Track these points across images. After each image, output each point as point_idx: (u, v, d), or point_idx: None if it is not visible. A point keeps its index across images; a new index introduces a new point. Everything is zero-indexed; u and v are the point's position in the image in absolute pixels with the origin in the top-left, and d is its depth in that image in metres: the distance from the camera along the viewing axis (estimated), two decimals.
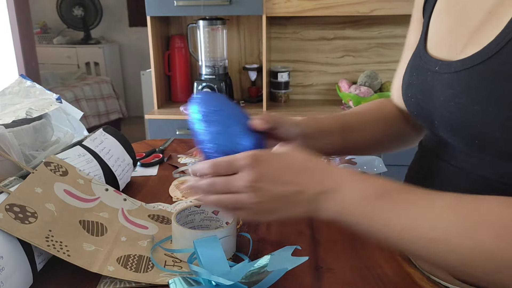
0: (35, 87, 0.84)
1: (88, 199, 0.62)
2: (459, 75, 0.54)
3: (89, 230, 0.57)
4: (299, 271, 0.54)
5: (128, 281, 0.53)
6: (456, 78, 0.54)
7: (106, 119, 4.17)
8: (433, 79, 0.59)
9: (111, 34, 4.88)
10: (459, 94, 0.53)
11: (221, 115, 0.57)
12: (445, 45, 0.61)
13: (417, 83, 0.63)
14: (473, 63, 0.51)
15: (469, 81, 0.52)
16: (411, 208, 0.47)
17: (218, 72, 2.05)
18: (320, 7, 1.87)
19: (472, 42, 0.54)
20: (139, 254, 0.57)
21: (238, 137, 0.57)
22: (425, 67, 0.62)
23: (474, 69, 0.51)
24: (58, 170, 0.62)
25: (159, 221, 0.67)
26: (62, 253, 0.52)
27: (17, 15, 2.77)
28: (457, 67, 0.54)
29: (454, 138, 0.57)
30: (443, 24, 0.63)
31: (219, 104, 0.58)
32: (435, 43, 0.63)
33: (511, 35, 0.48)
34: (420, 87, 0.62)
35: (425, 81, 0.61)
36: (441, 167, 0.61)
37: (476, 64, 0.51)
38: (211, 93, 0.63)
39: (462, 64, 0.53)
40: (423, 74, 0.62)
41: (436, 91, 0.58)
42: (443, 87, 0.56)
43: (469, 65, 0.52)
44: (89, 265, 0.52)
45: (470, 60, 0.52)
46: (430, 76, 0.60)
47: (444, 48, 0.61)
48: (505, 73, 0.48)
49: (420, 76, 0.63)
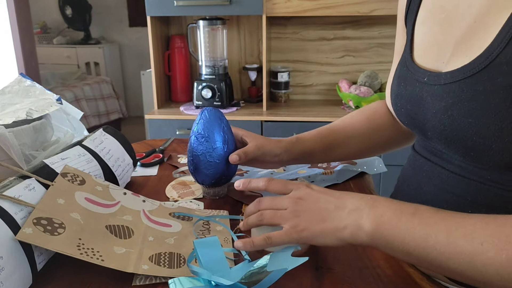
0: (35, 87, 0.83)
1: (110, 204, 0.63)
2: (449, 87, 0.53)
3: (116, 234, 0.58)
4: (299, 271, 0.54)
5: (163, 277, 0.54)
6: (447, 90, 0.54)
7: (106, 119, 4.17)
8: (422, 90, 0.59)
9: (111, 34, 4.88)
10: (451, 106, 0.53)
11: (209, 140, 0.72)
12: (431, 55, 0.60)
13: (406, 93, 0.63)
14: (464, 75, 0.51)
15: (460, 93, 0.52)
16: (446, 224, 0.47)
17: (218, 72, 2.05)
18: (320, 7, 1.87)
19: (458, 52, 0.54)
20: (169, 251, 0.58)
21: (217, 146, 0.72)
22: (413, 77, 0.62)
23: (464, 82, 0.51)
24: (76, 180, 0.63)
25: (181, 218, 0.68)
26: (96, 259, 0.52)
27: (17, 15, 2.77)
28: (446, 79, 0.54)
29: (448, 149, 0.57)
30: (428, 34, 0.62)
31: (211, 126, 0.72)
32: (421, 52, 0.63)
33: (500, 47, 0.47)
34: (409, 98, 0.62)
35: (414, 92, 0.61)
36: (436, 172, 0.60)
37: (466, 76, 0.51)
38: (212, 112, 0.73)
39: (451, 76, 0.53)
40: (412, 84, 0.62)
41: (426, 103, 0.58)
42: (433, 99, 0.56)
43: (459, 78, 0.52)
44: (124, 267, 0.53)
45: (459, 72, 0.52)
46: (419, 87, 0.60)
47: (430, 57, 0.60)
48: (497, 85, 0.48)
49: (408, 87, 0.62)
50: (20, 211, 0.52)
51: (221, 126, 0.73)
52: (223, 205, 0.75)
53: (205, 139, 0.72)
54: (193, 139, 0.73)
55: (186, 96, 2.23)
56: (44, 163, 0.62)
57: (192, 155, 0.73)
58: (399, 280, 0.54)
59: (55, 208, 0.56)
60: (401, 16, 0.70)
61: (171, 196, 0.79)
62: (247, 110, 2.05)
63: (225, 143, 0.72)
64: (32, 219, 0.52)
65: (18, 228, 0.50)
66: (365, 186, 0.82)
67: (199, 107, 2.04)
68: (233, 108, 2.04)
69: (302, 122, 1.91)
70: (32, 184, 0.57)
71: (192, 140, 0.73)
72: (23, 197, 0.54)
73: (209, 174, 0.73)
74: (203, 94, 2.00)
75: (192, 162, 0.74)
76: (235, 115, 1.96)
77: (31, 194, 0.55)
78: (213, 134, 0.72)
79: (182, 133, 1.97)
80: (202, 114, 0.73)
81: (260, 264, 0.49)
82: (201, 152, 0.72)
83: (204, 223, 0.67)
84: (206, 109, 0.74)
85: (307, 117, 1.91)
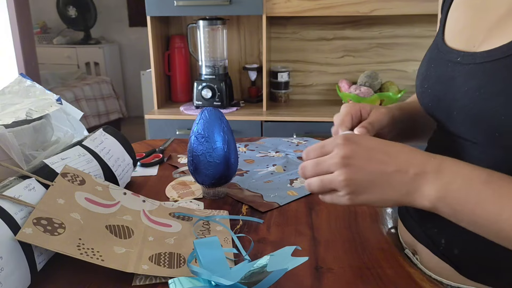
0: (35, 87, 0.83)
1: (110, 205, 0.63)
2: (484, 66, 0.53)
3: (116, 234, 0.58)
4: (299, 271, 0.54)
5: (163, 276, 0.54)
6: (482, 69, 0.53)
7: (106, 119, 4.17)
8: (454, 70, 0.59)
9: (111, 34, 4.88)
10: (485, 85, 0.52)
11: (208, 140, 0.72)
12: (463, 38, 0.60)
13: (435, 74, 0.62)
14: (501, 55, 0.51)
15: (495, 72, 0.51)
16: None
17: (218, 72, 2.05)
18: (320, 7, 1.87)
19: (492, 36, 0.54)
20: (169, 251, 0.58)
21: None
22: (445, 58, 0.61)
23: (501, 61, 0.51)
24: (76, 180, 0.63)
25: (181, 218, 0.68)
26: (96, 259, 0.52)
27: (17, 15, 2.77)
28: (482, 58, 0.54)
29: (472, 130, 0.56)
30: (462, 17, 0.62)
31: (211, 126, 0.72)
32: (453, 35, 0.63)
33: None
34: (439, 78, 0.61)
35: (445, 72, 0.60)
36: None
37: (503, 56, 0.51)
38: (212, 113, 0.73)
39: (488, 55, 0.53)
40: (443, 65, 0.61)
41: (457, 82, 0.57)
42: (465, 77, 0.56)
43: (495, 57, 0.52)
44: (124, 267, 0.53)
45: (497, 52, 0.52)
46: (451, 67, 0.59)
47: (462, 40, 0.60)
48: None
49: (439, 68, 0.62)
50: (20, 211, 0.52)
51: (221, 126, 0.73)
52: (223, 205, 0.76)
53: (205, 139, 0.72)
54: (193, 139, 0.73)
55: (186, 96, 2.23)
56: (44, 163, 0.62)
57: (192, 155, 0.73)
58: (399, 280, 0.54)
59: (55, 208, 0.56)
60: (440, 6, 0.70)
61: (171, 196, 0.79)
62: (247, 110, 2.05)
63: (225, 143, 0.72)
64: (32, 219, 0.52)
65: (18, 228, 0.50)
66: None
67: (199, 107, 2.04)
68: (233, 108, 2.04)
69: (302, 122, 1.90)
70: (32, 184, 0.57)
71: (192, 140, 0.73)
72: (23, 197, 0.54)
73: (209, 174, 0.73)
74: (203, 94, 2.00)
75: (192, 162, 0.74)
76: (235, 115, 1.96)
77: (31, 194, 0.55)
78: (213, 134, 0.72)
79: (182, 133, 1.97)
80: (202, 114, 0.73)
81: (260, 264, 0.49)
82: (201, 152, 0.72)
83: (204, 223, 0.67)
84: (206, 109, 0.74)
85: (307, 117, 1.91)
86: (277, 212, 0.73)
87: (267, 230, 0.67)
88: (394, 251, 0.61)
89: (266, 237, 0.65)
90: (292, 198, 0.77)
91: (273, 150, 1.03)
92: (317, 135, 1.11)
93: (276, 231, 0.66)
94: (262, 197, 0.78)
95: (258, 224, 0.68)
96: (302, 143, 1.08)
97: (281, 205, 0.75)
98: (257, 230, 0.67)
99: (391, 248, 0.61)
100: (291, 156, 0.98)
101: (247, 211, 0.73)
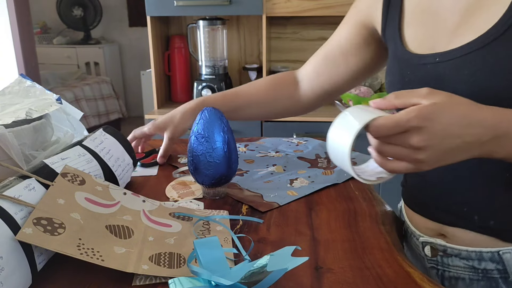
0: (35, 87, 0.83)
1: (110, 205, 0.63)
2: (469, 56, 0.58)
3: (116, 234, 0.58)
4: (299, 271, 0.54)
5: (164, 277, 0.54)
6: (468, 60, 0.58)
7: (106, 119, 4.18)
8: (437, 68, 0.62)
9: (111, 34, 4.88)
10: (476, 72, 0.57)
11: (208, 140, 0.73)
12: (428, 45, 0.66)
13: (417, 78, 0.66)
14: (481, 44, 0.57)
15: (483, 60, 0.56)
16: None
17: (218, 72, 2.05)
18: (320, 7, 1.87)
19: (458, 34, 0.61)
20: (169, 251, 0.58)
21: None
22: (419, 63, 0.66)
23: (487, 47, 0.56)
24: (76, 180, 0.63)
25: (181, 218, 0.68)
26: (96, 259, 0.52)
27: (17, 15, 2.77)
28: (463, 51, 0.59)
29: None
30: (419, 31, 0.68)
31: (211, 126, 0.73)
32: (417, 45, 0.68)
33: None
34: (423, 79, 0.65)
35: (427, 73, 0.64)
36: None
37: (488, 42, 0.56)
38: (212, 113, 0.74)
39: (468, 47, 0.58)
40: (421, 69, 0.65)
41: (448, 75, 0.61)
42: (455, 69, 0.60)
43: (477, 47, 0.57)
44: (124, 267, 0.53)
45: (476, 43, 0.57)
46: (432, 68, 0.63)
47: (428, 47, 0.66)
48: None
49: (418, 72, 0.66)
50: (20, 211, 0.52)
51: (221, 126, 0.73)
52: (223, 205, 0.76)
53: (205, 139, 0.72)
54: (193, 139, 0.73)
55: (186, 96, 2.23)
56: (44, 163, 0.62)
57: (192, 155, 0.73)
58: (399, 280, 0.54)
59: (55, 208, 0.56)
60: (363, 22, 0.87)
61: (171, 196, 0.79)
62: None
63: (225, 143, 0.72)
64: (32, 219, 0.52)
65: (18, 228, 0.50)
66: (365, 185, 0.82)
67: None
68: None
69: (302, 122, 1.90)
70: (32, 184, 0.57)
71: (192, 140, 0.73)
72: (23, 197, 0.54)
73: (209, 174, 0.73)
74: (203, 94, 2.00)
75: (192, 162, 0.74)
76: None
77: (31, 194, 0.55)
78: (213, 134, 0.72)
79: None
80: (202, 114, 0.73)
81: (260, 264, 0.49)
82: (201, 152, 0.72)
83: (204, 223, 0.67)
84: (206, 109, 0.74)
85: (307, 117, 1.91)
86: (277, 212, 0.73)
87: (267, 230, 0.67)
88: (394, 251, 0.61)
89: (266, 237, 0.65)
90: (292, 198, 0.77)
91: (273, 150, 1.03)
92: (317, 135, 1.12)
93: (276, 231, 0.66)
94: (262, 197, 0.78)
95: (258, 224, 0.68)
96: (302, 143, 1.08)
97: (281, 205, 0.75)
98: (257, 230, 0.67)
99: (391, 248, 0.62)
100: (291, 156, 0.98)
101: (247, 211, 0.73)
